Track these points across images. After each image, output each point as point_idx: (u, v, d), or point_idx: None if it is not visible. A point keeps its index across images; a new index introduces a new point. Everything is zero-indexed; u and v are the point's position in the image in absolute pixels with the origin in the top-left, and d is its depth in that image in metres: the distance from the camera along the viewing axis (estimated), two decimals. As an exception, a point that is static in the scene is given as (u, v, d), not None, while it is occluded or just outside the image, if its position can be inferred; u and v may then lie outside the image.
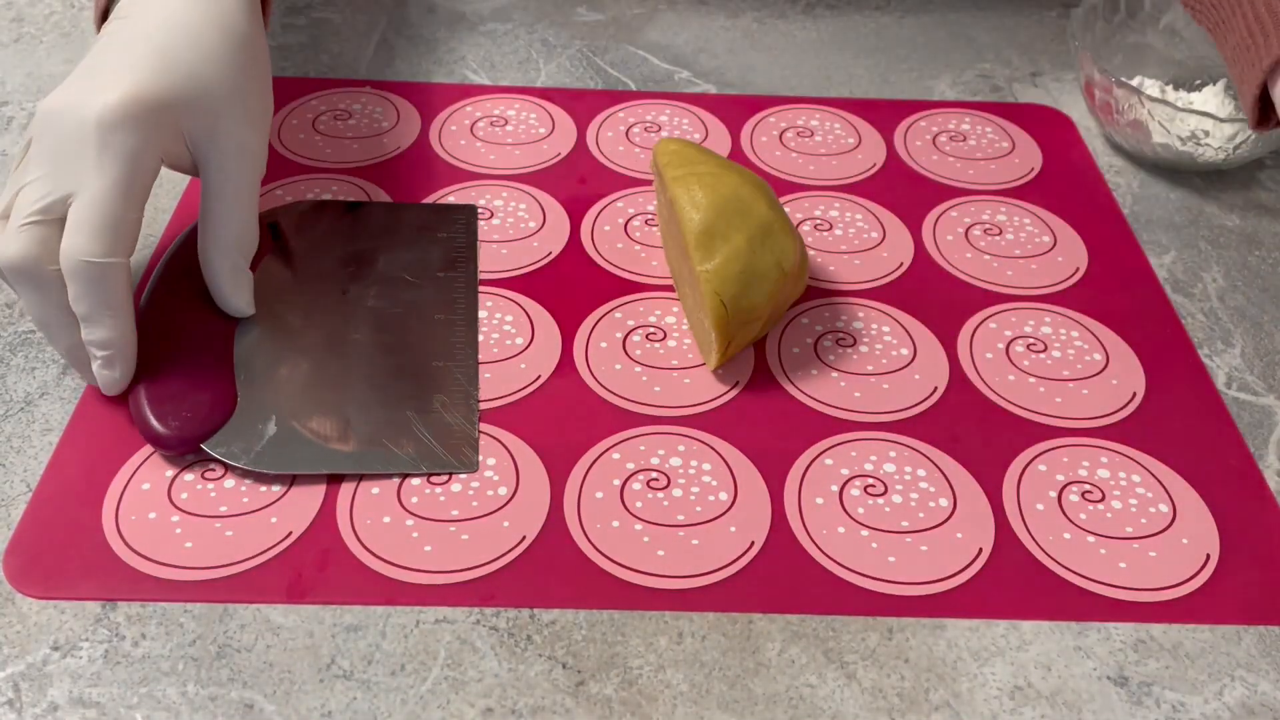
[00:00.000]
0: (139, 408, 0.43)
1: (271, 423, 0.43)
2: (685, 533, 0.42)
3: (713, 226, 0.45)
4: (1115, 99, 0.59)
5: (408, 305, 0.50)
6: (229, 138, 0.44)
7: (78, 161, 0.41)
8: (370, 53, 0.67)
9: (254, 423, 0.43)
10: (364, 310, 0.49)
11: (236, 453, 0.42)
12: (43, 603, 0.39)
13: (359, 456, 0.43)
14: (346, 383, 0.46)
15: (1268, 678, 0.39)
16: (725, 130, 0.62)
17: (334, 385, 0.46)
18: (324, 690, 0.37)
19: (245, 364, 0.45)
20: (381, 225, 0.54)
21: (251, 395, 0.44)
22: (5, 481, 0.43)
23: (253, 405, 0.44)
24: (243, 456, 0.42)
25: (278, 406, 0.44)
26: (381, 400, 0.45)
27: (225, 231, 0.45)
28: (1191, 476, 0.45)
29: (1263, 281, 0.55)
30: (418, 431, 0.44)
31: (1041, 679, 0.38)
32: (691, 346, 0.49)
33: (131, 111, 0.41)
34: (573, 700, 0.37)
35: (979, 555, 0.42)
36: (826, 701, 0.37)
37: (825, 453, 0.45)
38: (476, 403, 0.46)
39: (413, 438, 0.44)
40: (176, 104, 0.43)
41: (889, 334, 0.50)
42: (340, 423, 0.44)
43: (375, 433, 0.44)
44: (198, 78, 0.44)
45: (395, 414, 0.45)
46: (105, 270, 0.40)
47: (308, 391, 0.45)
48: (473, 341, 0.49)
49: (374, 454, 0.43)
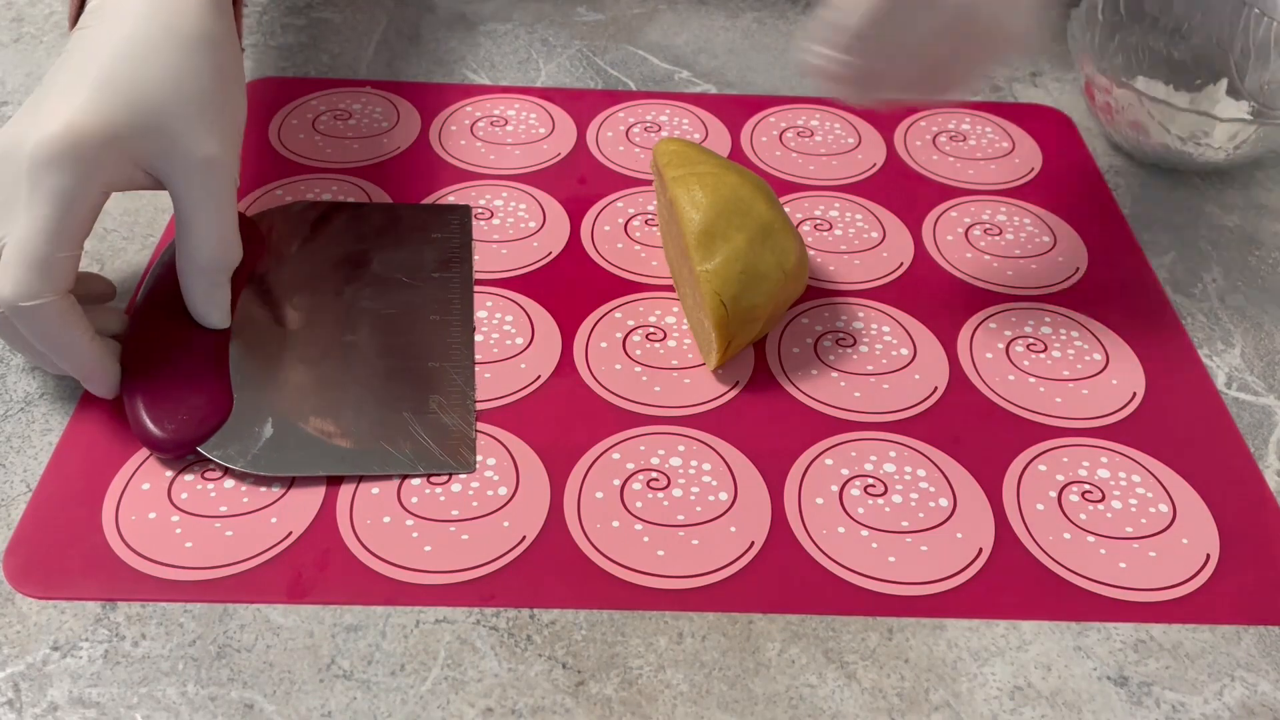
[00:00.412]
0: (135, 412, 0.43)
1: (268, 425, 0.43)
2: (685, 533, 0.42)
3: (713, 226, 0.45)
4: (1115, 99, 0.59)
5: (403, 306, 0.50)
6: (188, 156, 0.42)
7: (14, 203, 0.40)
8: (370, 53, 0.67)
9: (250, 425, 0.43)
10: (359, 311, 0.49)
11: (233, 455, 0.42)
12: (43, 603, 0.39)
13: (356, 457, 0.43)
14: (343, 384, 0.46)
15: (1268, 678, 0.39)
16: (725, 130, 0.62)
17: (330, 387, 0.46)
18: (324, 690, 0.37)
19: (240, 366, 0.45)
20: (375, 226, 0.54)
21: (247, 397, 0.44)
22: (5, 481, 0.43)
23: (249, 407, 0.44)
24: (239, 459, 0.42)
25: (274, 408, 0.44)
26: (378, 401, 0.45)
27: (198, 252, 0.43)
28: (1191, 476, 0.45)
29: (1263, 281, 0.55)
30: (414, 432, 0.44)
31: (1041, 679, 0.38)
32: (691, 346, 0.49)
33: (61, 149, 0.40)
34: (573, 700, 0.37)
35: (979, 555, 0.42)
36: (826, 701, 0.37)
37: (825, 453, 0.45)
38: (473, 403, 0.46)
39: (410, 438, 0.44)
40: (119, 133, 0.41)
41: (889, 334, 0.50)
42: (337, 424, 0.44)
43: (372, 434, 0.44)
44: (145, 100, 0.42)
45: (392, 415, 0.45)
46: (37, 312, 0.40)
47: (304, 393, 0.45)
48: (469, 342, 0.49)
49: (371, 455, 0.43)
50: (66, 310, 0.41)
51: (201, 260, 0.44)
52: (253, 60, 0.66)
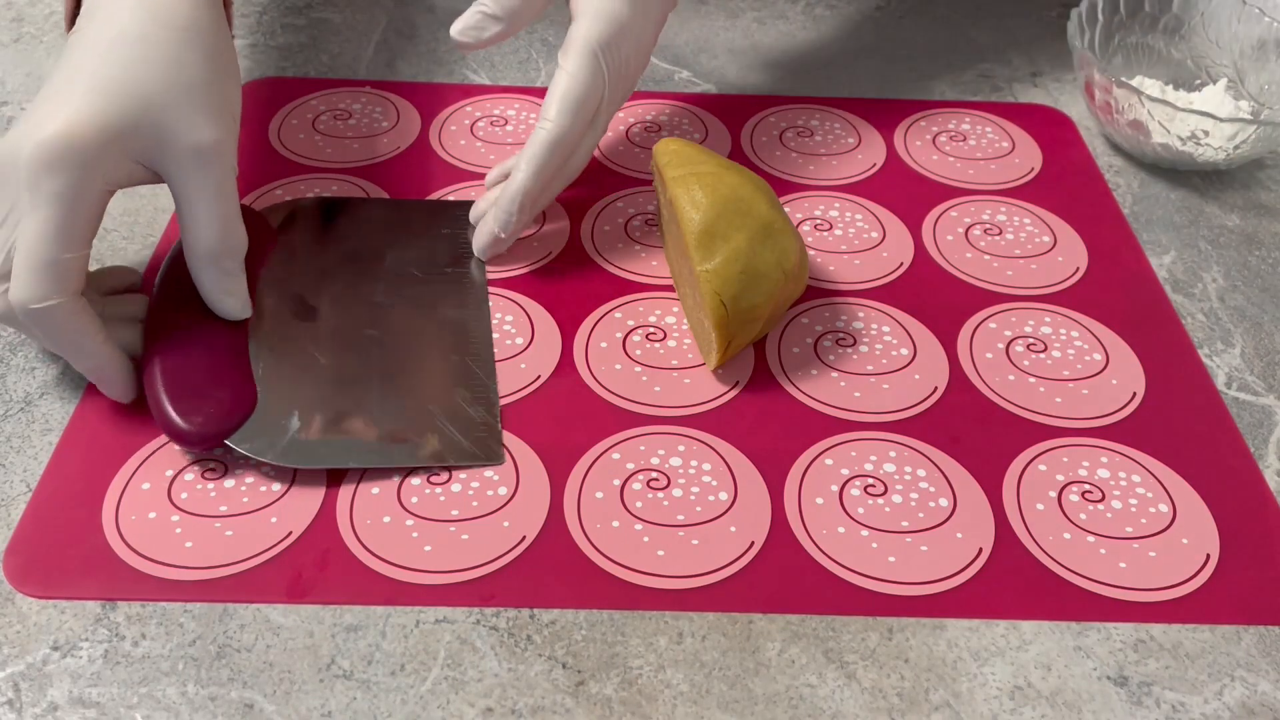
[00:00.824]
0: (160, 405, 0.42)
1: (294, 418, 0.43)
2: (685, 533, 0.42)
3: (713, 226, 0.45)
4: (1115, 99, 0.59)
5: (419, 301, 0.50)
6: (183, 145, 0.42)
7: (18, 209, 0.40)
8: (370, 53, 0.67)
9: (276, 419, 0.43)
10: (375, 306, 0.49)
11: (262, 448, 0.42)
12: (43, 603, 0.39)
13: (384, 450, 0.43)
14: (366, 378, 0.46)
15: (1268, 678, 0.39)
16: (725, 130, 0.62)
17: (354, 381, 0.46)
18: (324, 690, 0.37)
19: (260, 359, 0.45)
20: (384, 221, 0.54)
21: (271, 390, 0.44)
22: (5, 481, 0.43)
23: (273, 400, 0.44)
24: (269, 452, 0.42)
25: (298, 402, 0.44)
26: (402, 395, 0.45)
27: (201, 242, 0.44)
28: (1191, 476, 0.45)
29: (1263, 281, 0.55)
30: (441, 425, 0.44)
31: (1041, 679, 0.38)
32: (691, 346, 0.49)
33: (58, 152, 0.40)
34: (573, 700, 0.37)
35: (979, 555, 0.42)
36: (826, 701, 0.37)
37: (825, 453, 0.45)
38: (496, 395, 0.46)
39: (437, 431, 0.44)
40: (114, 130, 0.41)
41: (889, 334, 0.50)
42: (363, 418, 0.44)
43: (399, 427, 0.44)
44: (137, 95, 0.42)
45: (417, 408, 0.45)
46: (48, 315, 0.40)
47: (328, 386, 0.45)
48: (486, 336, 0.49)
49: (399, 448, 0.43)
50: (78, 312, 0.41)
51: (205, 248, 0.44)
52: (253, 60, 0.66)
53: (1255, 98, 0.62)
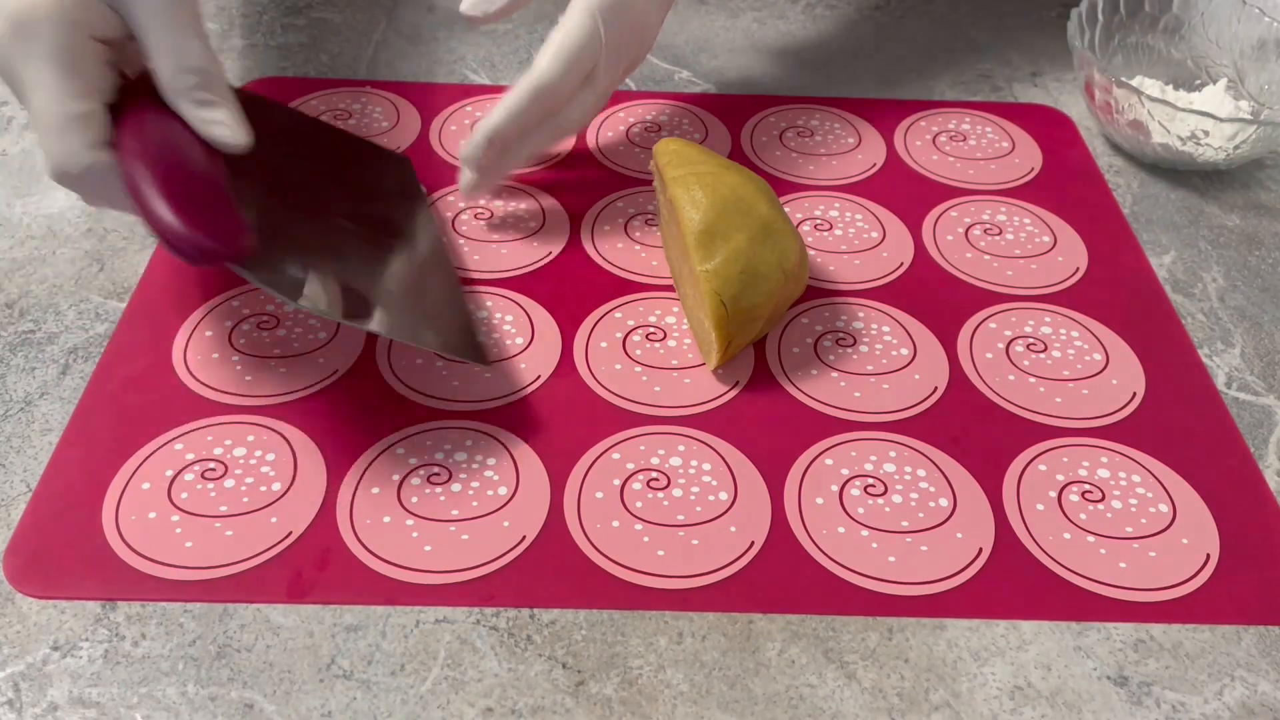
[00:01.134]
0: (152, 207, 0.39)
1: (299, 268, 0.43)
2: (685, 533, 0.42)
3: (713, 226, 0.45)
4: (1115, 99, 0.59)
5: (382, 221, 0.51)
6: None
7: (19, 87, 0.41)
8: (370, 53, 0.67)
9: (284, 266, 0.42)
10: (341, 229, 0.49)
11: (275, 283, 0.40)
12: (43, 603, 0.39)
13: (389, 324, 0.44)
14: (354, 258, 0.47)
15: (1268, 678, 0.39)
16: (725, 130, 0.62)
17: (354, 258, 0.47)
18: (324, 690, 0.37)
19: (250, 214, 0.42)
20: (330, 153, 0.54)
21: (268, 239, 0.42)
22: (5, 481, 0.43)
23: (273, 247, 0.42)
24: (279, 288, 0.40)
25: (301, 257, 0.43)
26: (396, 281, 0.47)
27: (160, 74, 0.42)
28: (1191, 476, 0.45)
29: (1263, 281, 0.55)
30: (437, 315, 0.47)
31: (1041, 679, 0.38)
32: (691, 346, 0.49)
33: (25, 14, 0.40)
34: (573, 700, 0.37)
35: (979, 555, 0.42)
36: (826, 701, 0.37)
37: (825, 453, 0.45)
38: (472, 309, 0.49)
39: (428, 320, 0.46)
40: None
41: (889, 334, 0.50)
42: (365, 292, 0.45)
43: (401, 308, 0.45)
44: None
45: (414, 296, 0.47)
46: (83, 178, 0.41)
47: (327, 253, 0.46)
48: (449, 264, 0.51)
49: (403, 324, 0.45)
50: (109, 171, 0.41)
51: (165, 80, 0.42)
52: (253, 60, 0.66)
53: (1255, 98, 0.62)
